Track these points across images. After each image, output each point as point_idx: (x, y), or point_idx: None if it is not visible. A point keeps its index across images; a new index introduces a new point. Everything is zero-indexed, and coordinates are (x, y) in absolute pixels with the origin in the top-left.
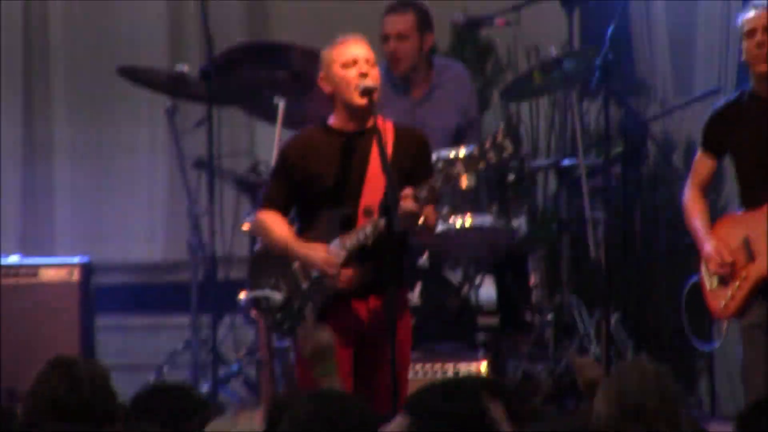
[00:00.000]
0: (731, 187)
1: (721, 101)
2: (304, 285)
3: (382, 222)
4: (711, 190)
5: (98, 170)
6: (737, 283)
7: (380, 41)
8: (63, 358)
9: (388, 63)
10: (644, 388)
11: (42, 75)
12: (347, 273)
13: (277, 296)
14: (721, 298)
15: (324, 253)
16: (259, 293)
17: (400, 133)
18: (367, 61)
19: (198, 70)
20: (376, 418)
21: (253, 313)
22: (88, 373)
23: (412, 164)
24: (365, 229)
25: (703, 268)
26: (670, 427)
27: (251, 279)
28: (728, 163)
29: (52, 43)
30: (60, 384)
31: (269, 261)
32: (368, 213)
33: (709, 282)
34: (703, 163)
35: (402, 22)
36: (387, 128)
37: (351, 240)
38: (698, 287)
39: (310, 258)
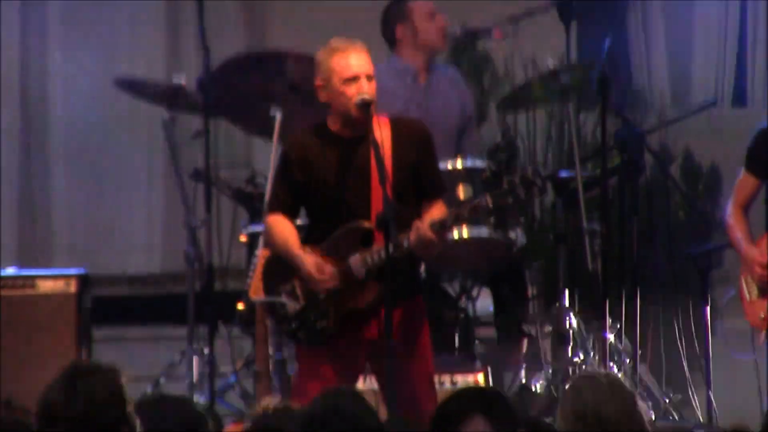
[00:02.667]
0: None
1: (765, 122)
2: (321, 296)
3: (405, 242)
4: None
5: (95, 182)
6: None
7: (423, 18)
8: (70, 368)
9: (434, 39)
10: (602, 399)
11: (39, 87)
12: (327, 278)
13: (294, 304)
14: (759, 310)
15: (311, 264)
16: (275, 299)
17: (398, 125)
18: (368, 77)
19: (195, 81)
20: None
21: (267, 321)
22: (87, 387)
23: (416, 155)
24: (380, 250)
25: (742, 279)
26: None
27: (266, 282)
28: None
29: (50, 55)
30: (58, 397)
31: (285, 265)
32: (378, 228)
33: (749, 293)
34: (746, 183)
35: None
36: (383, 123)
37: (373, 257)
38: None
39: (299, 265)
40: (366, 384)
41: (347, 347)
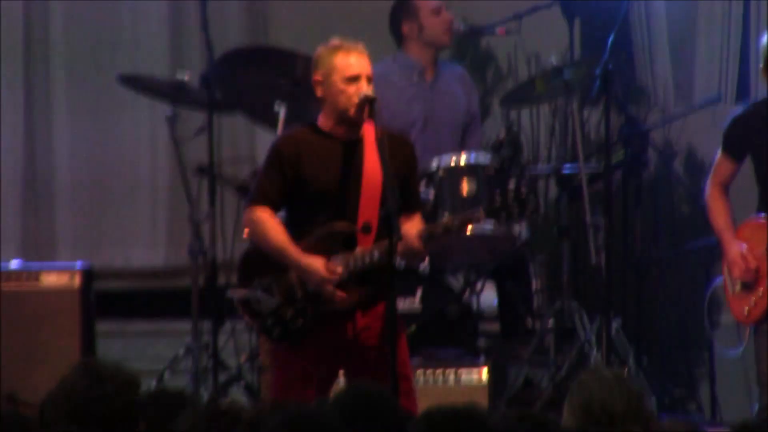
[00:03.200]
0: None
1: (744, 105)
2: (299, 294)
3: (389, 247)
4: None
5: (99, 176)
6: (761, 289)
7: (429, 14)
8: (88, 360)
9: (439, 35)
10: (609, 394)
11: (43, 81)
12: (342, 293)
13: (270, 300)
14: (744, 304)
15: (323, 268)
16: (250, 294)
17: (387, 138)
18: (368, 78)
19: (198, 76)
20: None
21: (243, 315)
22: (110, 373)
23: (402, 169)
24: (372, 253)
25: (725, 271)
26: (642, 426)
27: (242, 276)
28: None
29: (53, 50)
30: (81, 381)
31: (262, 260)
32: (366, 229)
33: (732, 286)
34: (723, 165)
35: None
36: (374, 134)
37: (356, 261)
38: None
39: (309, 270)
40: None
41: (323, 348)
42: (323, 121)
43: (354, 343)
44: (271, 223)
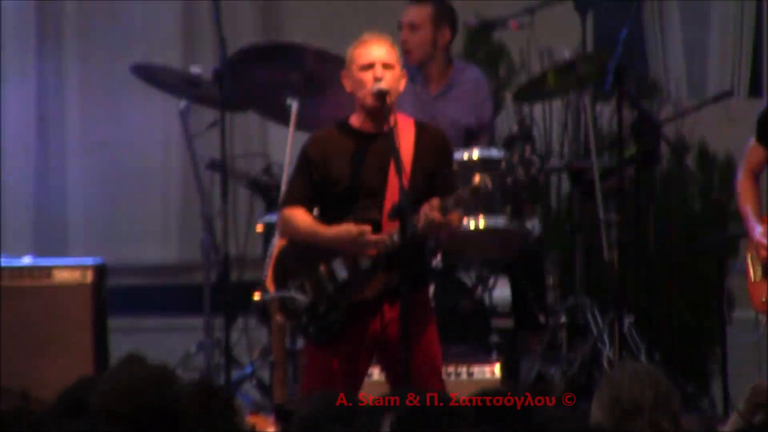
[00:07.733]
0: None
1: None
2: (330, 288)
3: (411, 228)
4: None
5: (111, 171)
6: None
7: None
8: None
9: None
10: (638, 388)
11: (55, 75)
12: (381, 236)
13: (303, 299)
14: (761, 293)
15: (350, 226)
16: (284, 294)
17: (421, 130)
18: (385, 64)
19: (211, 71)
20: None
21: (279, 316)
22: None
23: (434, 162)
24: (393, 234)
25: (748, 257)
26: (669, 423)
27: (276, 279)
28: None
29: (66, 41)
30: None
31: (294, 261)
32: (393, 216)
33: (753, 273)
34: (755, 152)
35: (416, 14)
36: (408, 125)
37: (385, 242)
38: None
39: (338, 236)
40: (376, 377)
41: (353, 344)
42: (354, 117)
43: (383, 336)
44: (298, 215)
